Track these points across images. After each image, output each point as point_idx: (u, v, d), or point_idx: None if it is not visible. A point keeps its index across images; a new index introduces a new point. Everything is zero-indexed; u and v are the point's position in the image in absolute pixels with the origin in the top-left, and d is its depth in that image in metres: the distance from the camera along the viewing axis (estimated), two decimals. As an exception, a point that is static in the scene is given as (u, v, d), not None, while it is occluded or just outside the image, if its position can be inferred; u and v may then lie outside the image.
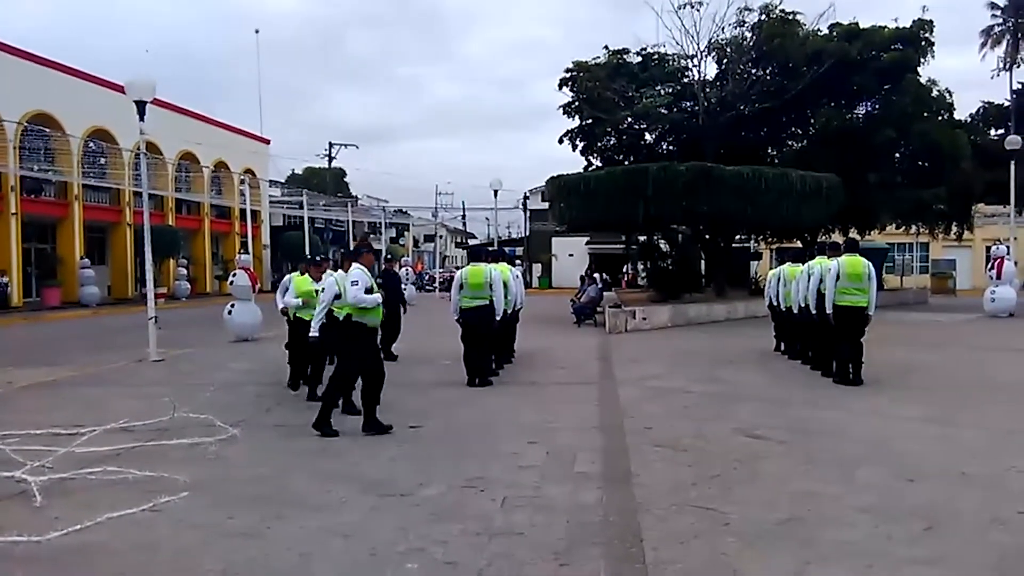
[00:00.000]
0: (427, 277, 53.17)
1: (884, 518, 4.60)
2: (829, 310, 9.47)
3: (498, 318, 10.10)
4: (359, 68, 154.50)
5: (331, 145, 50.94)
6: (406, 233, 71.85)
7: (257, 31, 76.47)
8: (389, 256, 18.46)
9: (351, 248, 10.11)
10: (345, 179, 67.62)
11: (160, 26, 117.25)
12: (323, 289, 7.55)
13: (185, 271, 34.62)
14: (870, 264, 9.42)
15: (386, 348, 12.33)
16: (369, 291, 6.96)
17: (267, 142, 46.74)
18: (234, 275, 16.44)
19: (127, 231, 31.81)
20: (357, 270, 7.11)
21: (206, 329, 17.85)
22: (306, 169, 67.87)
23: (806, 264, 10.82)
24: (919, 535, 4.34)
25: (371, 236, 56.75)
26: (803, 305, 10.60)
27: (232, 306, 16.10)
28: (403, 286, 26.67)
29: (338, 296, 7.21)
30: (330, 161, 51.59)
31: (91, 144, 30.13)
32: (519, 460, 6.07)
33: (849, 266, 9.33)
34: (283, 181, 54.36)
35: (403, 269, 31.94)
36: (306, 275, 9.25)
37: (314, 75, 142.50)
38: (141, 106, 13.12)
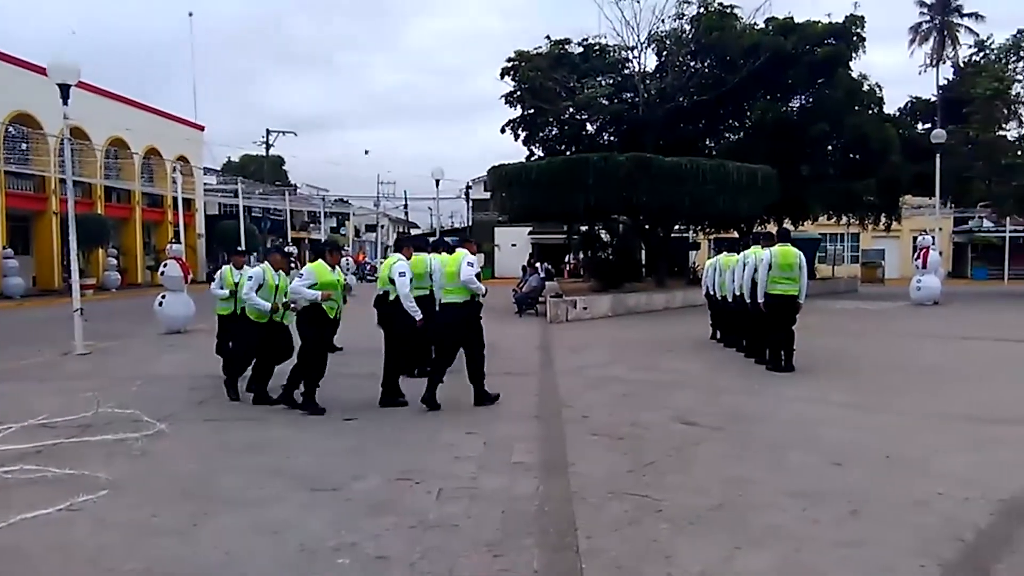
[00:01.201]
0: (368, 267, 52.59)
1: (812, 502, 4.70)
2: (761, 299, 9.67)
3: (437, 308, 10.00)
4: (299, 55, 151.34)
5: (268, 132, 49.84)
6: (347, 223, 70.93)
7: (191, 14, 73.58)
8: (334, 246, 18.09)
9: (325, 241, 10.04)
10: (283, 167, 66.36)
11: (89, 6, 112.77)
12: (402, 274, 8.13)
13: (115, 261, 33.50)
14: (801, 254, 9.64)
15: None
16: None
17: (201, 129, 45.48)
18: (165, 265, 15.94)
19: (53, 219, 30.57)
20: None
21: (136, 321, 17.28)
22: (243, 157, 66.32)
23: (741, 254, 11.02)
24: (845, 518, 4.44)
25: (311, 225, 55.96)
26: (738, 294, 10.79)
27: (163, 297, 15.64)
28: (344, 276, 26.34)
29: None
30: (267, 148, 50.54)
31: (11, 129, 28.85)
32: (456, 451, 6.03)
33: (781, 256, 9.53)
34: (218, 169, 53.04)
35: (344, 259, 31.57)
36: (320, 262, 8.18)
37: (252, 61, 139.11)
38: (65, 89, 12.58)
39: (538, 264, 25.42)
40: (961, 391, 8.57)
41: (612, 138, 29.26)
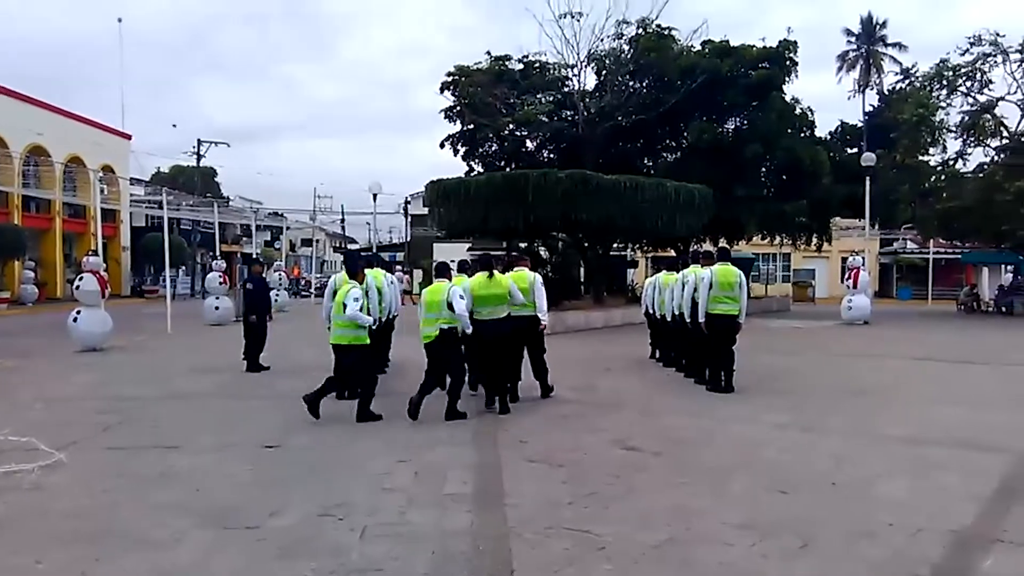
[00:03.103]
0: (303, 282, 51.43)
1: (760, 535, 4.45)
2: (702, 318, 9.52)
3: (375, 327, 9.63)
4: (235, 66, 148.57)
5: (200, 142, 48.33)
6: (281, 236, 69.34)
7: (120, 20, 71.52)
8: (260, 259, 17.32)
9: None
10: (216, 179, 64.59)
11: (10, 8, 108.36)
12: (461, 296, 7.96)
13: (33, 274, 31.85)
14: (741, 273, 9.53)
15: (251, 358, 11.55)
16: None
17: (128, 137, 43.94)
18: (81, 279, 15.04)
19: (-36, 229, 28.96)
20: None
21: (50, 337, 16.29)
22: (173, 168, 64.43)
23: (680, 272, 10.88)
24: (795, 552, 4.20)
25: (243, 239, 54.43)
26: (677, 313, 10.64)
27: (78, 312, 14.77)
28: (275, 292, 25.60)
29: None
30: (199, 159, 48.96)
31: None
32: (385, 482, 5.62)
33: (721, 275, 9.40)
34: (146, 180, 51.26)
35: (277, 273, 30.61)
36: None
37: (186, 71, 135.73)
38: (-31, 90, 11.78)
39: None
40: (896, 412, 8.54)
41: (552, 155, 29.25)
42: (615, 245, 28.92)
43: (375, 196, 29.38)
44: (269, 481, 5.66)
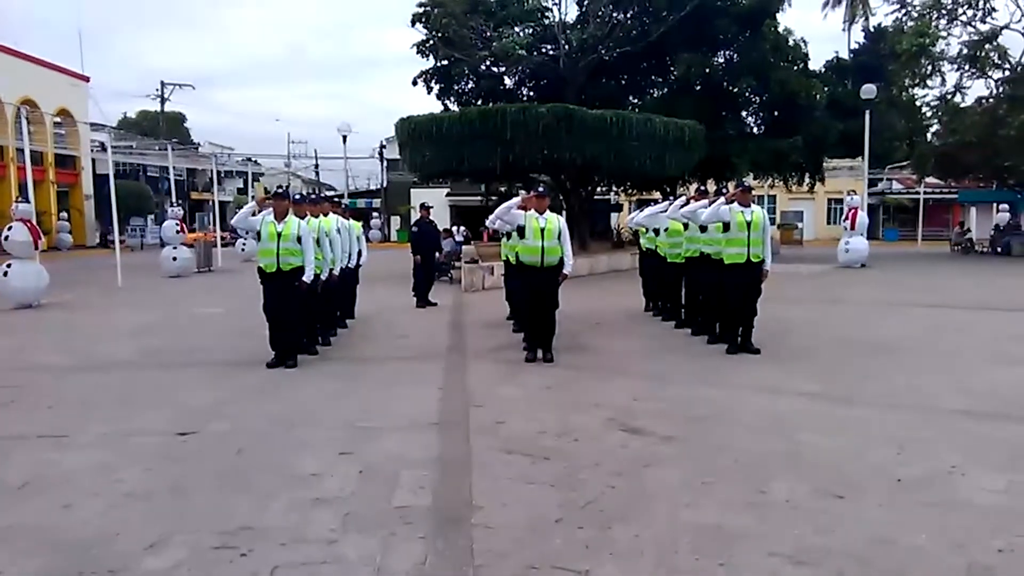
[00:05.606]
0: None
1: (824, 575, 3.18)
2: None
3: (309, 279, 8.28)
4: (185, 12, 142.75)
5: (163, 85, 45.85)
6: (255, 184, 67.01)
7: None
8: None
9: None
10: (185, 124, 62.08)
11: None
12: None
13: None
14: (766, 214, 8.18)
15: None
16: None
17: (86, 79, 41.44)
18: (9, 229, 13.45)
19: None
20: None
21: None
22: (139, 113, 61.93)
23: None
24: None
25: (214, 187, 52.26)
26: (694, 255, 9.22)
27: (8, 266, 13.25)
28: (243, 242, 23.97)
29: None
30: (163, 103, 46.53)
31: None
32: (316, 488, 4.29)
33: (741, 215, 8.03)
34: (112, 125, 48.84)
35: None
36: None
37: (151, 14, 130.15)
38: None
39: (453, 228, 23.70)
40: (942, 374, 7.24)
41: (531, 93, 27.57)
42: (598, 188, 27.42)
43: (345, 138, 27.69)
44: (164, 489, 4.30)
